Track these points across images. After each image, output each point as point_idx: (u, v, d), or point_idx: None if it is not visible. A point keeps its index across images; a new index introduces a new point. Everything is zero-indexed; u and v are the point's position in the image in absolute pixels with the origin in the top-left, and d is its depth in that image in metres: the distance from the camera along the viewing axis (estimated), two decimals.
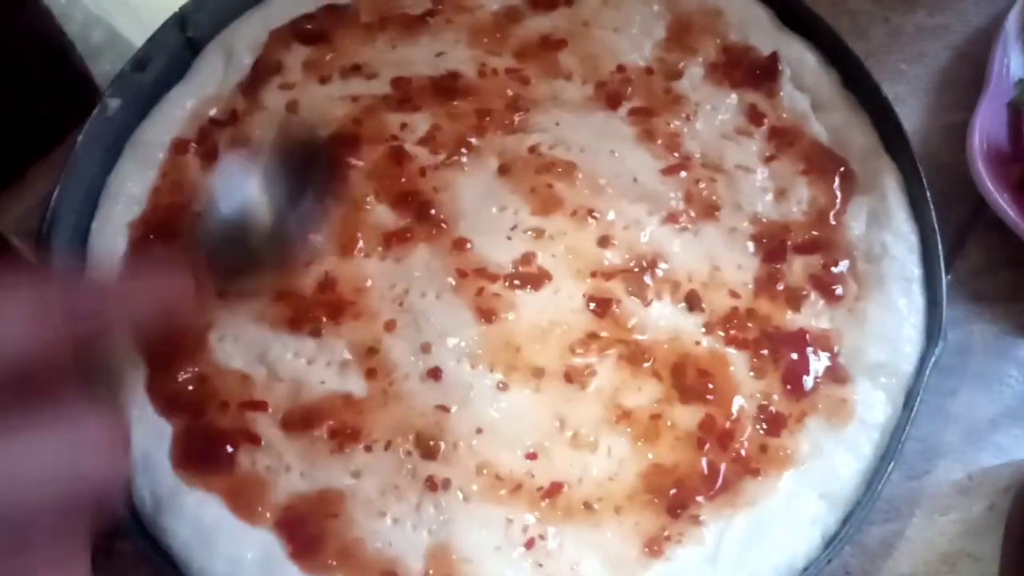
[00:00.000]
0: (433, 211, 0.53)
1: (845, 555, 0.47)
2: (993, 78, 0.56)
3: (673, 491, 0.45)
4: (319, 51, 0.59)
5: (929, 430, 0.50)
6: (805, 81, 0.57)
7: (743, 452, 0.47)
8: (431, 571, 0.45)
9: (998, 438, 0.51)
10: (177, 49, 0.59)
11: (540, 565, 0.45)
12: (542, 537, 0.45)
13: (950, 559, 0.48)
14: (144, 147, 0.56)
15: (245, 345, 0.51)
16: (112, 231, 0.54)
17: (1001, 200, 0.52)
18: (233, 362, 0.50)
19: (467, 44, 0.59)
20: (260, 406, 0.49)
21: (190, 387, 0.49)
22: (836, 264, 0.51)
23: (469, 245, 0.52)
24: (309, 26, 0.59)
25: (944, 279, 0.50)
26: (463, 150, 0.54)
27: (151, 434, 0.48)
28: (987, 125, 0.54)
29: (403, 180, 0.54)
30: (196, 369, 0.50)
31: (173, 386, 0.50)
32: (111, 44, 0.66)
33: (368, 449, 0.47)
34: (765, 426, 0.47)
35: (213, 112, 0.57)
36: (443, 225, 0.52)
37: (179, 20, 0.58)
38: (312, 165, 0.38)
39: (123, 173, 0.56)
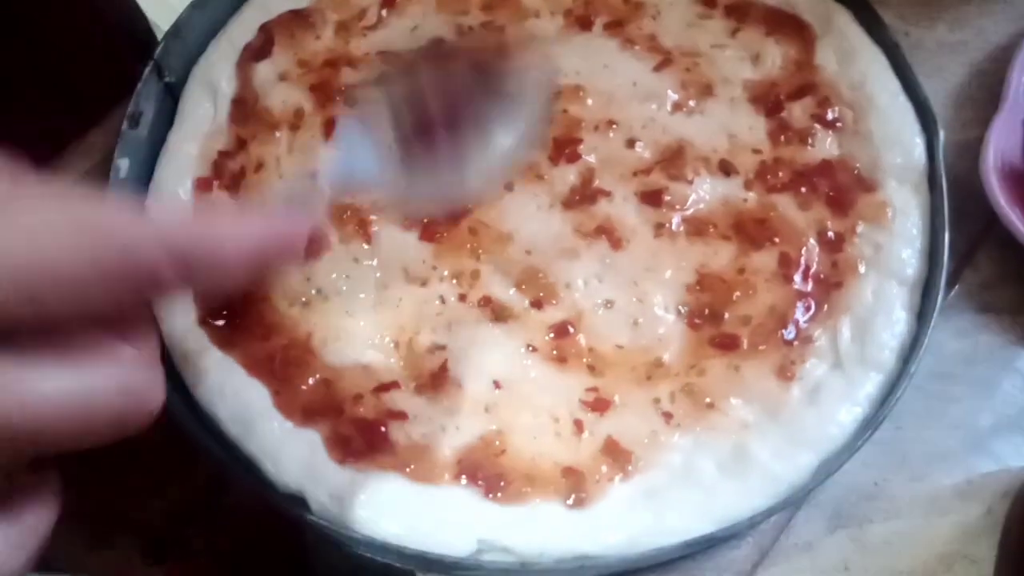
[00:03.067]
0: None
1: (846, 550, 0.50)
2: (1010, 96, 0.57)
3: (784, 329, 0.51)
4: (287, 56, 0.60)
5: (931, 435, 0.52)
6: None
7: (821, 274, 0.53)
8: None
9: (998, 445, 0.52)
10: (160, 97, 0.59)
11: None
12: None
13: (947, 560, 0.49)
14: (167, 196, 0.56)
15: (348, 341, 0.52)
16: None
17: (1012, 215, 0.53)
18: (346, 359, 0.52)
19: (435, 11, 0.61)
20: (392, 386, 0.51)
21: (318, 394, 0.51)
22: (827, 99, 0.58)
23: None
24: (264, 37, 0.60)
25: (917, 80, 0.57)
26: None
27: (302, 446, 0.49)
28: (1002, 142, 0.56)
29: None
30: (316, 376, 0.51)
31: (301, 399, 0.51)
32: None
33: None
34: (829, 246, 0.54)
35: (220, 147, 0.58)
36: None
37: (156, 68, 0.58)
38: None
39: None
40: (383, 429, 0.49)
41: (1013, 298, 0.56)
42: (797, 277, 0.53)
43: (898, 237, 0.53)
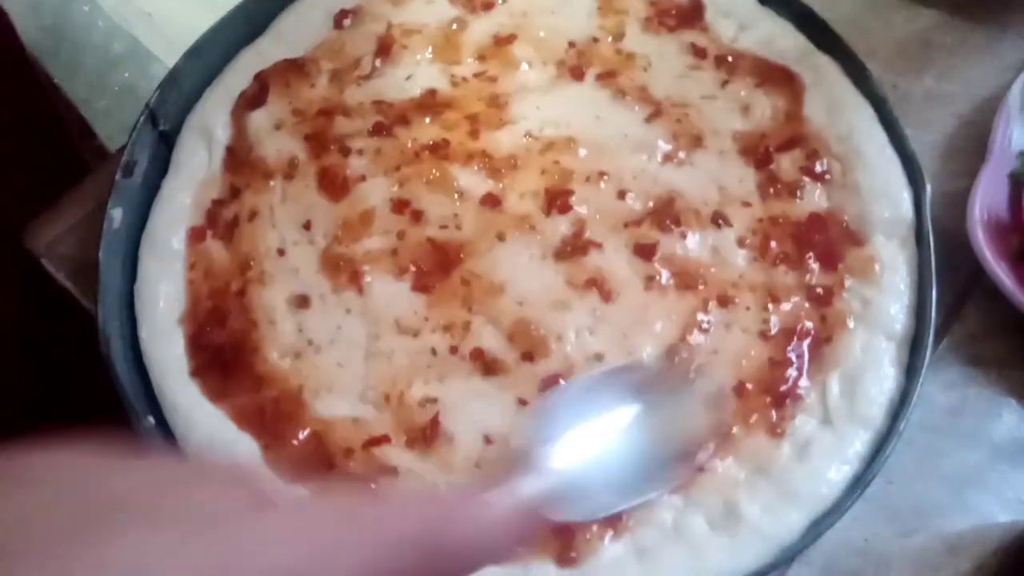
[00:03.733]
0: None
1: None
2: (996, 149, 0.57)
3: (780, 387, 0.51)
4: (282, 104, 0.60)
5: (920, 489, 0.52)
6: (726, 9, 0.64)
7: (811, 329, 0.53)
8: None
9: (988, 499, 0.52)
10: (154, 145, 0.59)
11: None
12: None
13: None
14: (160, 245, 0.57)
15: (340, 393, 0.52)
16: (164, 334, 0.54)
17: (998, 269, 0.53)
18: (337, 411, 0.52)
19: (429, 61, 0.62)
20: (383, 440, 0.51)
21: (308, 448, 0.51)
22: (816, 152, 0.59)
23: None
24: (259, 86, 0.61)
25: (904, 133, 0.58)
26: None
27: None
28: (988, 195, 0.56)
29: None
30: (307, 430, 0.51)
31: (291, 452, 0.51)
32: (131, 54, 0.66)
33: None
34: (817, 301, 0.54)
35: (214, 195, 0.58)
36: None
37: (150, 116, 0.58)
38: None
39: (150, 275, 0.56)
40: (374, 487, 0.49)
41: (1000, 351, 0.57)
42: (781, 338, 0.53)
43: (886, 292, 0.53)
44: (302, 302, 0.55)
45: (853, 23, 0.62)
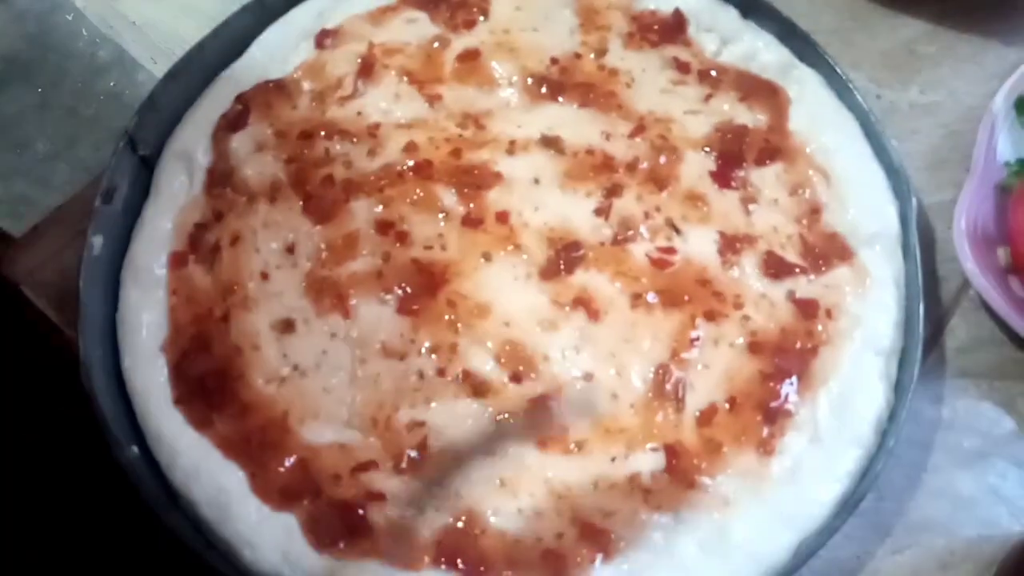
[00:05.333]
0: None
1: None
2: (981, 160, 0.57)
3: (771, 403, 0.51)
4: (263, 126, 0.60)
5: (912, 504, 0.52)
6: (708, 23, 0.64)
7: (797, 344, 0.53)
8: None
9: (980, 513, 0.52)
10: (135, 170, 0.58)
11: None
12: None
13: None
14: (141, 272, 0.56)
15: (326, 419, 0.52)
16: (147, 362, 0.53)
17: (985, 281, 0.53)
18: (324, 437, 0.51)
19: (409, 82, 0.62)
20: (370, 466, 0.50)
21: (295, 476, 0.50)
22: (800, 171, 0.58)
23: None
24: (240, 108, 0.60)
25: (890, 146, 0.58)
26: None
27: (278, 531, 0.49)
28: (974, 206, 0.56)
29: None
30: (293, 457, 0.51)
31: (278, 480, 0.50)
32: (117, 62, 0.66)
33: None
34: (803, 311, 0.54)
35: (196, 219, 0.57)
36: None
37: (129, 142, 0.58)
38: None
39: (132, 303, 0.55)
40: (361, 512, 0.49)
41: (989, 362, 0.56)
42: (768, 353, 0.53)
43: (874, 307, 0.53)
44: (286, 326, 0.54)
45: (836, 34, 0.62)
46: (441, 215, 0.56)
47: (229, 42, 0.62)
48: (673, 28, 0.64)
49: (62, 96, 0.67)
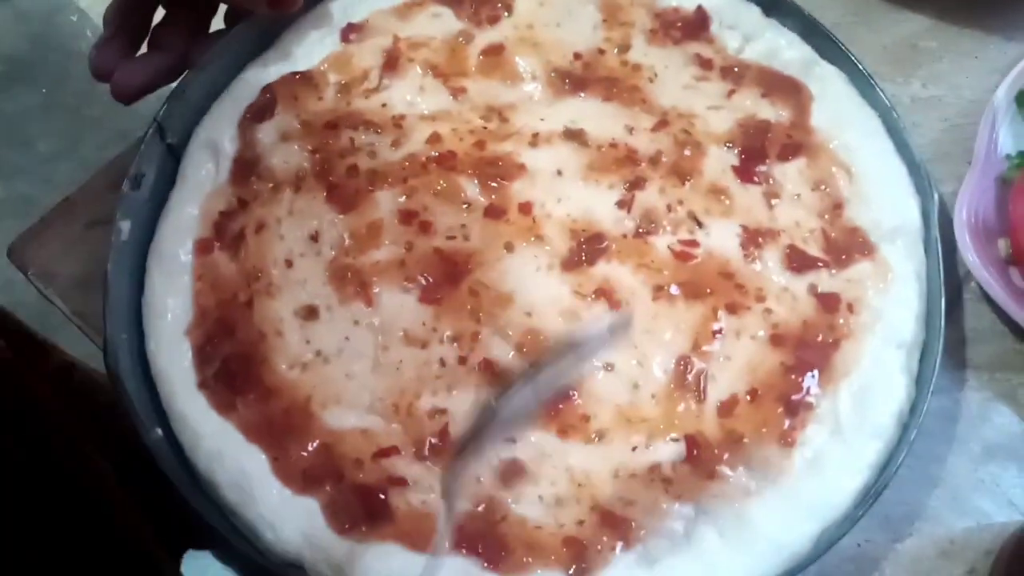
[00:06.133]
0: None
1: None
2: (982, 153, 0.57)
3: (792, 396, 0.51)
4: (290, 116, 0.60)
5: (913, 494, 0.53)
6: (731, 21, 0.64)
7: (818, 337, 0.53)
8: None
9: (979, 503, 0.53)
10: (162, 158, 0.59)
11: None
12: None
13: None
14: (167, 258, 0.57)
15: (349, 405, 0.52)
16: (170, 346, 0.54)
17: (986, 273, 0.53)
18: (346, 422, 0.52)
19: (434, 75, 0.62)
20: (392, 451, 0.51)
21: (317, 460, 0.51)
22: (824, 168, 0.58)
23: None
24: (267, 98, 0.61)
25: (911, 142, 0.58)
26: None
27: (300, 513, 0.49)
28: (975, 199, 0.56)
29: None
30: (316, 442, 0.51)
31: (300, 464, 0.51)
32: None
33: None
34: (825, 305, 0.54)
35: (221, 207, 0.58)
36: None
37: (159, 129, 0.58)
38: None
39: (157, 288, 0.56)
40: (383, 496, 0.49)
41: (990, 354, 0.57)
42: (791, 346, 0.53)
43: (895, 301, 0.53)
44: (310, 313, 0.55)
45: (838, 29, 0.63)
46: (464, 205, 0.57)
47: (257, 35, 0.63)
48: (696, 25, 0.64)
49: (65, 96, 0.67)
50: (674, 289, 0.54)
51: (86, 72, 0.56)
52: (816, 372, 0.52)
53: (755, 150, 0.59)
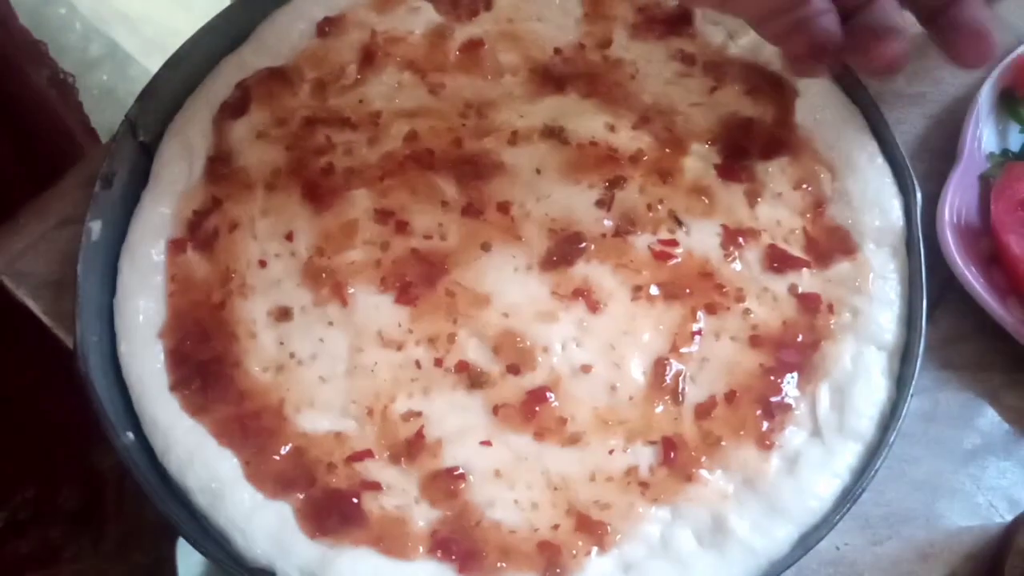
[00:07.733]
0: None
1: None
2: (965, 151, 0.56)
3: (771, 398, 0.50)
4: (264, 113, 0.59)
5: (892, 496, 0.52)
6: (715, 16, 0.63)
7: (798, 338, 0.52)
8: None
9: (961, 505, 0.52)
10: (133, 156, 0.58)
11: None
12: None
13: None
14: (139, 258, 0.56)
15: (322, 408, 0.52)
16: (143, 348, 0.53)
17: (968, 273, 0.52)
18: (320, 426, 0.51)
19: (412, 71, 0.61)
20: (365, 455, 0.50)
21: (290, 463, 0.50)
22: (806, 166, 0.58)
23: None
24: (241, 95, 0.60)
25: (895, 141, 0.57)
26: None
27: (272, 518, 0.48)
28: (958, 197, 0.55)
29: None
30: (289, 445, 0.50)
31: (272, 468, 0.50)
32: (110, 55, 0.65)
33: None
34: (805, 305, 0.53)
35: (195, 206, 0.57)
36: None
37: (130, 127, 0.57)
38: None
39: (129, 288, 0.55)
40: (356, 500, 0.48)
41: (972, 354, 0.56)
42: (769, 347, 0.52)
43: (877, 302, 0.53)
44: (283, 314, 0.54)
45: None
46: (441, 204, 0.56)
47: (231, 30, 0.62)
48: (679, 20, 0.63)
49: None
50: (653, 290, 0.54)
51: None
52: (795, 374, 0.51)
53: (738, 148, 0.58)
